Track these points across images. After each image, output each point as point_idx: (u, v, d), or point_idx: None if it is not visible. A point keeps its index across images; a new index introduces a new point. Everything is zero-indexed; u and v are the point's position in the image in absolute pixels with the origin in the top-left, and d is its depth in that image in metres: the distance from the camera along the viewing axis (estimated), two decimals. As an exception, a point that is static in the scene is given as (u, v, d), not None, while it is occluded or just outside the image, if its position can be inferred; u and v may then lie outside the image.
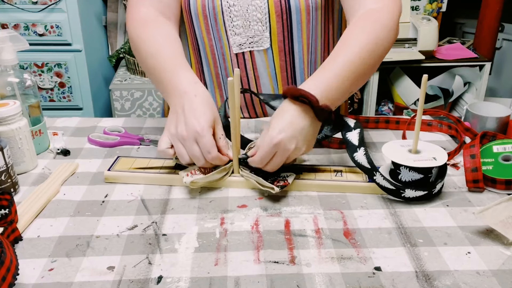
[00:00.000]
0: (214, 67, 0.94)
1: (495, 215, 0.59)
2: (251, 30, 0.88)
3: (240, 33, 0.88)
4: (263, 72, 0.92)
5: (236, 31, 0.88)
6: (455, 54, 2.16)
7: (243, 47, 0.89)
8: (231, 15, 0.86)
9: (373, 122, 0.93)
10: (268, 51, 0.89)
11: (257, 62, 0.91)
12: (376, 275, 0.54)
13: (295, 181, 0.71)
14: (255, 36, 0.88)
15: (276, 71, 0.92)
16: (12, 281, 0.50)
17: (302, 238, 0.61)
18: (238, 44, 0.89)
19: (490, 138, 0.81)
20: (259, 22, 0.87)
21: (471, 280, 0.53)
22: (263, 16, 0.86)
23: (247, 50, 0.89)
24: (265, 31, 0.87)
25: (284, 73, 0.93)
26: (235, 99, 0.68)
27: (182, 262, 0.56)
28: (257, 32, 0.88)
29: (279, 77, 0.93)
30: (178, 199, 0.69)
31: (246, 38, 0.88)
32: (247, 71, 0.92)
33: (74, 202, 0.69)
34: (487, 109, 0.91)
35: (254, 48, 0.89)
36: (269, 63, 0.91)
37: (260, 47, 0.89)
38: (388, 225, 0.63)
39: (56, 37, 2.00)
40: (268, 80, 0.93)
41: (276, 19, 0.86)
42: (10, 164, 0.68)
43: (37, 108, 0.82)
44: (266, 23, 0.87)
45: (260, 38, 0.88)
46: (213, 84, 0.97)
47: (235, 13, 0.86)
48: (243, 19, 0.87)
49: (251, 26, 0.87)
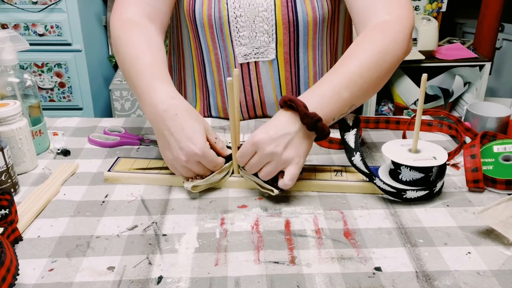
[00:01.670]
0: (218, 75, 0.93)
1: (495, 215, 0.59)
2: (257, 41, 0.87)
3: (246, 44, 0.87)
4: (267, 82, 0.91)
5: (242, 41, 0.87)
6: (455, 54, 2.16)
7: (248, 58, 0.88)
8: (237, 25, 0.86)
9: (373, 122, 0.93)
10: (273, 62, 0.89)
11: (261, 73, 0.90)
12: (376, 275, 0.54)
13: (295, 181, 0.71)
14: (261, 47, 0.87)
15: (280, 82, 0.91)
16: (12, 281, 0.50)
17: (302, 238, 0.61)
18: (243, 54, 0.88)
19: (491, 138, 0.81)
20: (266, 33, 0.86)
21: (471, 280, 0.53)
22: (270, 27, 0.85)
23: (252, 60, 0.89)
24: (271, 43, 0.87)
25: (289, 85, 0.92)
26: (235, 100, 0.68)
27: (182, 262, 0.56)
28: (263, 43, 0.87)
29: (284, 88, 0.92)
30: (178, 199, 0.69)
31: (251, 49, 0.87)
32: (251, 81, 0.91)
33: (74, 202, 0.69)
34: (487, 109, 0.91)
35: (259, 59, 0.88)
36: (273, 74, 0.90)
37: (266, 58, 0.88)
38: (388, 225, 0.63)
39: (56, 37, 2.00)
40: (272, 91, 0.92)
41: (283, 31, 0.86)
42: (10, 164, 0.68)
43: (37, 108, 0.82)
44: (273, 35, 0.86)
45: (266, 49, 0.87)
46: (216, 92, 0.96)
47: (241, 23, 0.85)
48: (250, 30, 0.86)
49: (257, 37, 0.86)
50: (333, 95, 0.67)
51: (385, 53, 0.71)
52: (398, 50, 0.72)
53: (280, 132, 0.65)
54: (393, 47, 0.72)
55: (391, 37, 0.72)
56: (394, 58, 0.72)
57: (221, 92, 0.95)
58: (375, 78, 0.70)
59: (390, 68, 0.72)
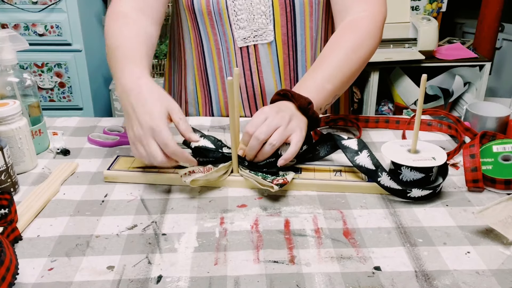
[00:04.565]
0: (218, 61, 0.95)
1: (494, 214, 0.59)
2: (255, 24, 0.89)
3: (244, 27, 0.89)
4: (266, 65, 0.93)
5: (241, 24, 0.89)
6: (455, 54, 2.16)
7: (247, 41, 0.90)
8: (235, 9, 0.88)
9: (373, 122, 0.93)
10: (272, 44, 0.91)
11: (261, 56, 0.92)
12: (375, 275, 0.54)
13: (294, 181, 0.71)
14: (259, 30, 0.89)
15: (279, 64, 0.93)
16: (11, 280, 0.50)
17: (301, 237, 0.61)
18: (242, 38, 0.90)
19: (490, 138, 0.81)
20: (263, 15, 0.88)
21: (471, 279, 0.53)
22: (267, 9, 0.88)
23: (252, 43, 0.91)
24: (269, 24, 0.89)
25: (287, 67, 0.94)
26: (234, 99, 0.68)
27: (181, 262, 0.56)
28: (261, 25, 0.89)
29: (282, 71, 0.94)
30: (177, 198, 0.70)
31: (250, 32, 0.90)
32: (250, 65, 0.93)
33: (73, 201, 0.69)
34: (487, 109, 0.91)
35: (258, 42, 0.90)
36: (272, 57, 0.92)
37: (264, 40, 0.90)
38: (387, 225, 0.63)
39: (56, 37, 2.00)
40: (271, 74, 0.94)
41: (280, 11, 0.88)
42: (10, 163, 0.68)
43: (37, 108, 0.82)
44: (270, 16, 0.88)
45: (264, 31, 0.89)
46: (216, 79, 0.97)
47: (239, 6, 0.88)
48: (247, 13, 0.88)
49: (255, 20, 0.89)
50: (318, 88, 0.77)
51: (360, 47, 0.81)
52: (371, 42, 0.83)
53: (283, 108, 0.72)
54: (367, 41, 0.82)
55: (365, 32, 0.83)
56: (368, 51, 0.83)
57: (221, 79, 0.97)
58: (354, 70, 0.81)
59: (365, 59, 0.83)
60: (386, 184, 0.68)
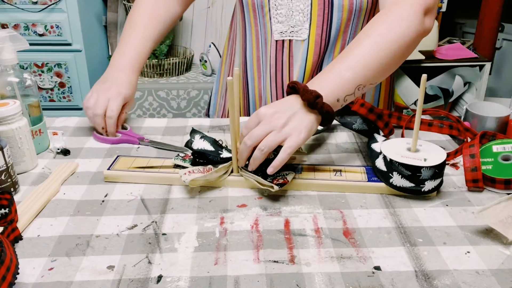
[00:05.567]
0: (256, 50, 1.00)
1: (494, 214, 0.59)
2: (293, 20, 0.92)
3: (282, 21, 0.93)
4: (297, 62, 0.95)
5: (279, 19, 0.93)
6: (455, 54, 2.16)
7: (283, 35, 0.94)
8: (276, 3, 0.92)
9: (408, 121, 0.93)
10: (305, 42, 0.93)
11: (294, 51, 0.95)
12: (375, 275, 0.54)
13: (294, 181, 0.71)
14: (296, 26, 0.93)
15: (306, 62, 0.95)
16: (12, 280, 0.50)
17: (301, 237, 0.61)
18: (279, 31, 0.94)
19: (490, 138, 0.81)
20: (301, 12, 0.91)
21: (471, 279, 0.53)
22: (306, 7, 0.90)
23: (287, 38, 0.94)
24: (305, 22, 0.92)
25: (315, 65, 0.95)
26: (235, 99, 0.68)
27: (182, 262, 0.56)
28: (297, 22, 0.92)
29: (309, 69, 0.95)
30: (177, 198, 0.70)
31: (287, 27, 0.93)
32: (283, 58, 0.96)
33: (74, 201, 0.69)
34: (487, 109, 0.91)
35: (293, 37, 0.94)
36: (302, 56, 0.94)
37: (299, 37, 0.93)
38: (387, 225, 0.63)
39: (56, 37, 2.00)
40: (299, 70, 0.96)
41: (317, 12, 0.90)
42: (10, 163, 0.68)
43: (37, 107, 0.82)
44: (308, 14, 0.91)
45: (300, 28, 0.92)
46: (253, 68, 1.01)
47: (279, 1, 0.92)
48: (287, 8, 0.92)
49: (293, 16, 0.92)
50: (333, 75, 0.71)
51: (388, 31, 0.73)
52: (405, 26, 0.74)
53: (283, 107, 0.69)
54: (398, 25, 0.74)
55: (397, 16, 0.75)
56: (400, 35, 0.73)
57: (257, 68, 1.01)
58: (382, 56, 0.72)
59: (399, 44, 0.73)
60: (399, 184, 0.68)
